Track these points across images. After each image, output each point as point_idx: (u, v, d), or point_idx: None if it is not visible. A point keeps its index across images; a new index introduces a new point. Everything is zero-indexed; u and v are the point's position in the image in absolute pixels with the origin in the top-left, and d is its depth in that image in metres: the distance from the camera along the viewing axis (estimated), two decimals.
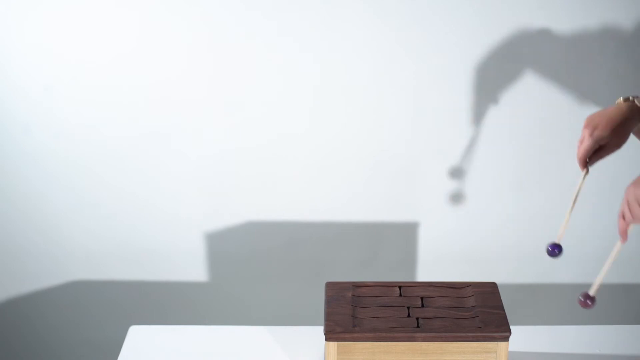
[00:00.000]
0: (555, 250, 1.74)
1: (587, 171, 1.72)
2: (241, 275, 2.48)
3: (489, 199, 2.39)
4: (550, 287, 2.49)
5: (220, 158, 2.33)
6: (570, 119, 2.29)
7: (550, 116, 2.29)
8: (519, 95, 2.27)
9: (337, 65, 2.23)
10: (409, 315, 1.67)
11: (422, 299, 1.73)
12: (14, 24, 2.17)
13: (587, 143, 1.65)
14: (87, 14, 2.17)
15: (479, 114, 2.29)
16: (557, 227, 2.41)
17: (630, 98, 1.68)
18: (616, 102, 1.71)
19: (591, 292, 1.55)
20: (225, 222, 2.41)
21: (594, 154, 1.72)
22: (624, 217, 1.51)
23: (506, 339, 1.61)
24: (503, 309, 1.68)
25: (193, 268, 2.46)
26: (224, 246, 2.43)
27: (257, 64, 2.22)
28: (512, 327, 1.66)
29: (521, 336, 1.82)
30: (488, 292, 1.73)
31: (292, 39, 2.20)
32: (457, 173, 2.36)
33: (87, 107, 2.26)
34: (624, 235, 1.51)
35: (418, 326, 1.63)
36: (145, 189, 2.36)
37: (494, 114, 2.29)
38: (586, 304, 1.56)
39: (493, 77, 2.25)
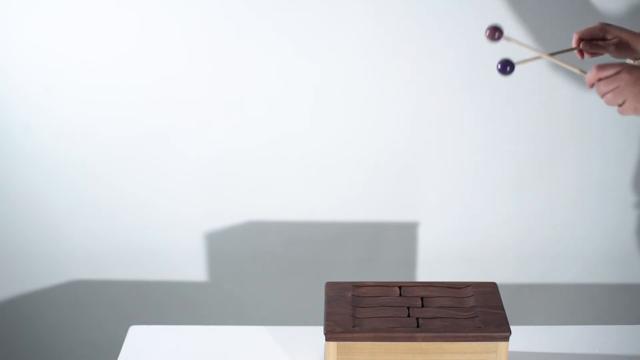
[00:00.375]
0: (506, 67, 1.49)
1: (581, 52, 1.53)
2: (241, 275, 2.48)
3: (489, 198, 2.39)
4: (550, 287, 2.49)
5: (220, 158, 2.33)
6: (571, 118, 2.30)
7: (550, 116, 2.29)
8: (519, 95, 2.27)
9: (337, 65, 2.23)
10: (409, 315, 1.67)
11: (422, 299, 1.73)
12: (14, 24, 2.17)
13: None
14: (87, 14, 2.17)
15: (478, 114, 2.29)
16: (557, 228, 2.42)
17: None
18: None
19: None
20: (225, 222, 2.41)
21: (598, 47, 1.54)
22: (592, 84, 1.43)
23: (506, 339, 1.61)
24: (503, 309, 1.67)
25: (193, 268, 2.46)
26: (224, 246, 2.43)
27: (257, 64, 2.22)
28: (512, 327, 1.66)
29: (521, 336, 1.82)
30: (488, 292, 1.73)
31: (291, 38, 2.20)
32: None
33: (87, 107, 2.26)
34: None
35: (418, 326, 1.63)
36: (145, 189, 2.36)
37: (494, 114, 2.29)
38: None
39: (493, 77, 2.25)
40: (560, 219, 2.42)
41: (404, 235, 2.44)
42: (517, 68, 1.49)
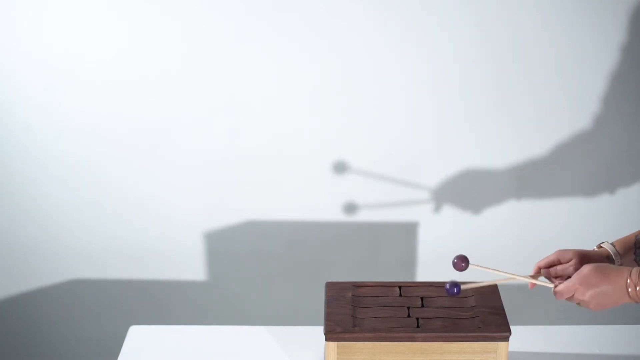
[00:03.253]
0: (454, 289, 1.58)
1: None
2: (241, 275, 2.48)
3: (489, 199, 2.39)
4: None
5: (221, 158, 2.33)
6: (571, 119, 2.29)
7: (550, 117, 2.29)
8: (519, 96, 2.27)
9: (337, 65, 2.23)
10: (409, 315, 1.67)
11: (422, 299, 1.73)
12: (15, 23, 2.17)
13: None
14: (88, 14, 2.17)
15: (478, 115, 2.29)
16: (557, 228, 2.42)
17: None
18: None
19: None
20: (225, 221, 2.41)
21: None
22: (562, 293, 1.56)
23: (506, 339, 1.61)
24: (503, 309, 1.67)
25: (193, 267, 2.46)
26: (224, 246, 2.43)
27: (257, 64, 2.23)
28: (512, 327, 1.65)
29: (521, 336, 1.82)
30: (488, 292, 1.73)
31: (292, 38, 2.20)
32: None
33: (88, 107, 2.27)
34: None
35: (418, 326, 1.63)
36: (146, 189, 2.36)
37: (494, 115, 2.29)
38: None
39: (493, 77, 2.25)
40: (560, 219, 2.42)
41: (404, 235, 2.44)
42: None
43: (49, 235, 2.41)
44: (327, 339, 1.62)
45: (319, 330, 1.74)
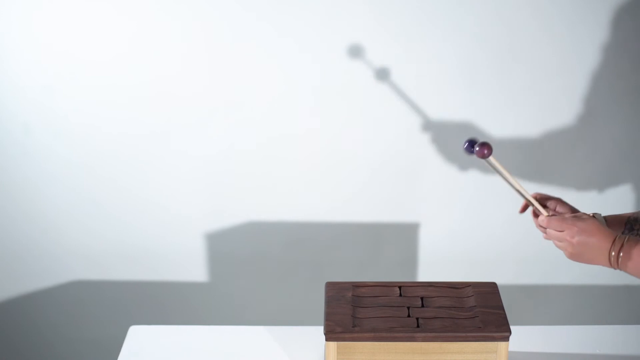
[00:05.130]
0: (471, 147, 1.64)
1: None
2: (241, 276, 2.48)
3: (490, 200, 2.39)
4: (550, 288, 2.49)
5: (221, 158, 2.33)
6: (571, 119, 2.30)
7: (550, 117, 2.29)
8: (519, 97, 2.27)
9: (337, 65, 2.23)
10: (409, 315, 1.67)
11: (422, 299, 1.73)
12: (15, 23, 2.17)
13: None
14: (88, 14, 2.17)
15: (479, 115, 2.29)
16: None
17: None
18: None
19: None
20: (225, 222, 2.41)
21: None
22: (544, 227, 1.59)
23: (506, 339, 1.61)
24: (503, 309, 1.67)
25: (193, 268, 2.46)
26: (224, 246, 2.44)
27: (257, 64, 2.23)
28: (512, 327, 1.66)
29: (521, 336, 1.82)
30: (488, 292, 1.73)
31: (292, 39, 2.20)
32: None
33: (87, 107, 2.27)
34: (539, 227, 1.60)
35: (418, 326, 1.63)
36: (146, 189, 2.36)
37: (494, 115, 2.29)
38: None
39: (493, 78, 2.25)
40: None
41: (404, 236, 2.44)
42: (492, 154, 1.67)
43: (49, 237, 2.41)
44: (327, 339, 1.62)
45: (319, 330, 1.74)
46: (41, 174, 2.33)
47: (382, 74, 2.24)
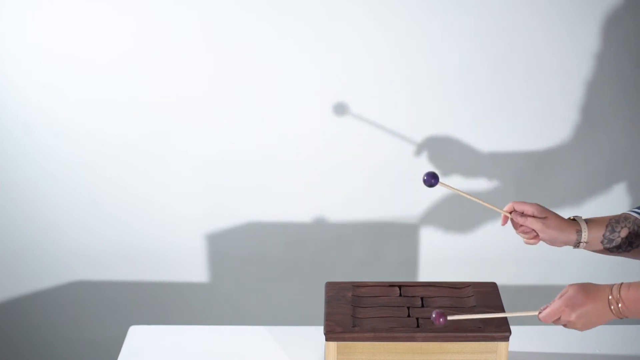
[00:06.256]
0: (432, 180, 1.65)
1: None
2: (241, 276, 2.48)
3: (490, 200, 2.39)
4: (550, 288, 2.49)
5: (221, 159, 2.33)
6: (571, 119, 2.29)
7: (550, 117, 2.29)
8: (519, 97, 2.27)
9: (337, 66, 2.23)
10: (409, 315, 1.67)
11: (422, 299, 1.73)
12: (15, 24, 2.17)
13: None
14: (88, 14, 2.17)
15: (480, 115, 2.29)
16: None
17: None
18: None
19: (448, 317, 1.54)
20: (225, 222, 2.41)
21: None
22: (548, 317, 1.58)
23: (506, 339, 1.61)
24: (503, 309, 1.67)
25: (193, 268, 2.46)
26: (225, 247, 2.43)
27: (257, 65, 2.23)
28: (512, 327, 1.65)
29: (521, 336, 1.82)
30: (488, 292, 1.73)
31: (292, 39, 2.20)
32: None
33: (87, 107, 2.27)
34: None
35: (418, 326, 1.63)
36: (146, 190, 2.36)
37: (495, 116, 2.29)
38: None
39: (494, 78, 2.25)
40: None
41: (404, 236, 2.44)
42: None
43: (49, 237, 2.41)
44: (327, 339, 1.62)
45: (319, 330, 1.74)
46: (41, 174, 2.33)
47: (383, 75, 2.24)
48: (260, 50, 2.21)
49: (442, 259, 2.46)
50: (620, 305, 1.49)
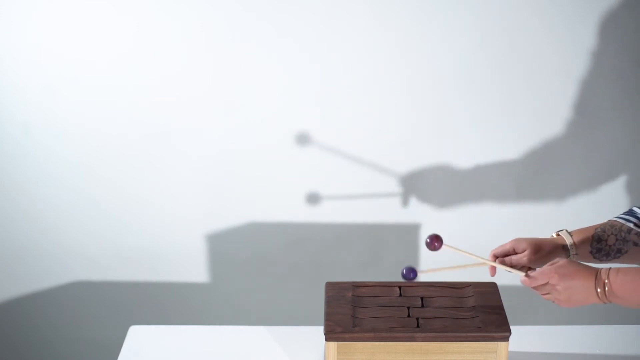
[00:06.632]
0: (410, 274, 1.62)
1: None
2: (242, 276, 2.48)
3: (490, 201, 2.39)
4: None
5: (221, 159, 2.33)
6: (571, 119, 2.29)
7: (550, 118, 2.29)
8: (519, 98, 2.27)
9: (337, 67, 2.23)
10: (409, 315, 1.66)
11: (422, 299, 1.73)
12: (15, 24, 2.18)
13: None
14: (88, 15, 2.17)
15: (480, 116, 2.29)
16: (557, 229, 2.42)
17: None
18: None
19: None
20: (226, 223, 2.41)
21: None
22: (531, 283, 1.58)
23: (506, 339, 1.61)
24: (503, 309, 1.67)
25: (194, 269, 2.46)
26: (225, 247, 2.43)
27: (257, 65, 2.23)
28: (512, 327, 1.65)
29: (521, 336, 1.82)
30: (488, 292, 1.73)
31: (292, 40, 2.20)
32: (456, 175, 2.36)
33: (87, 107, 2.27)
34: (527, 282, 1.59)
35: (418, 326, 1.63)
36: (146, 190, 2.36)
37: (495, 117, 2.29)
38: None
39: (493, 78, 2.25)
40: (560, 220, 2.42)
41: (405, 237, 2.44)
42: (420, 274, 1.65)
43: (49, 237, 2.41)
44: (327, 339, 1.61)
45: (319, 330, 1.74)
46: (41, 174, 2.33)
47: (383, 75, 2.24)
48: (260, 51, 2.21)
49: (441, 258, 2.46)
50: (607, 288, 1.49)
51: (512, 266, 1.67)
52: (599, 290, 1.49)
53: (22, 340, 2.55)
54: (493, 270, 1.70)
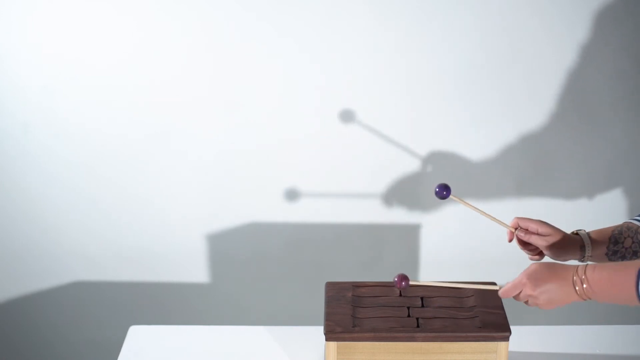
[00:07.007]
0: (443, 191, 1.67)
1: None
2: (242, 277, 2.48)
3: (490, 200, 2.39)
4: (495, 290, 2.49)
5: (222, 159, 2.33)
6: (570, 119, 2.30)
7: (551, 118, 2.29)
8: (520, 97, 2.27)
9: (338, 67, 2.23)
10: (409, 315, 1.67)
11: (422, 299, 1.73)
12: (15, 24, 2.17)
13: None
14: (88, 15, 2.17)
15: (480, 116, 2.29)
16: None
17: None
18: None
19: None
20: (226, 223, 2.41)
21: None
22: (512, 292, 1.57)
23: (506, 339, 1.61)
24: (503, 309, 1.67)
25: (194, 269, 2.46)
26: (225, 247, 2.43)
27: (257, 66, 2.23)
28: (512, 327, 1.65)
29: (521, 336, 1.82)
30: (488, 292, 1.73)
31: (292, 40, 2.20)
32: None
33: (87, 108, 2.27)
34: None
35: (418, 326, 1.63)
36: (147, 190, 2.36)
37: (496, 117, 2.29)
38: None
39: (494, 79, 2.25)
40: (560, 220, 2.41)
41: (405, 237, 2.44)
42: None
43: (49, 237, 2.41)
44: (327, 339, 1.61)
45: (319, 330, 1.74)
46: (41, 175, 2.33)
47: (383, 75, 2.24)
48: (260, 51, 2.21)
49: (442, 259, 2.46)
50: (585, 286, 1.48)
51: (526, 244, 1.68)
52: (577, 288, 1.48)
53: (22, 340, 2.55)
54: (511, 235, 1.69)
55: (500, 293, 1.58)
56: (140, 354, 1.81)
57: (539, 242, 1.65)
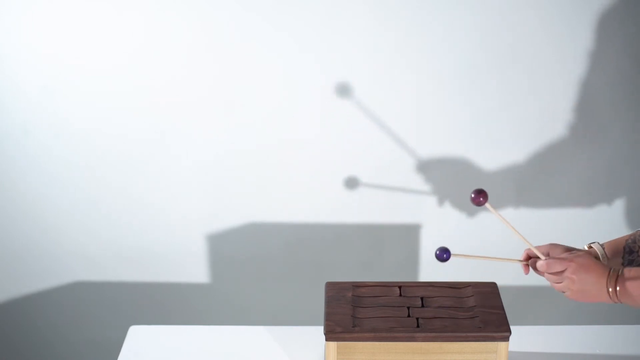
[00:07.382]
0: (443, 255, 1.63)
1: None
2: (242, 276, 2.48)
3: (491, 201, 2.39)
4: (550, 288, 2.49)
5: (222, 160, 2.33)
6: (571, 119, 2.29)
7: (552, 118, 2.29)
8: (521, 98, 2.27)
9: (339, 67, 2.23)
10: (409, 315, 1.66)
11: (422, 299, 1.73)
12: (14, 24, 2.17)
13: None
14: (88, 16, 2.17)
15: (480, 117, 2.29)
16: (557, 231, 2.42)
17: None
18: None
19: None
20: (226, 223, 2.41)
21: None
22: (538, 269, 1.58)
23: (506, 339, 1.61)
24: (503, 309, 1.67)
25: (194, 269, 2.46)
26: (225, 247, 2.43)
27: (257, 66, 2.23)
28: (512, 327, 1.65)
29: (521, 336, 1.82)
30: (488, 292, 1.73)
31: (292, 40, 2.20)
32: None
33: (87, 108, 2.27)
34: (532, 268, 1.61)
35: (418, 326, 1.63)
36: (147, 190, 2.36)
37: (496, 117, 2.29)
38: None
39: (494, 80, 2.25)
40: (561, 220, 2.42)
41: (405, 237, 2.44)
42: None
43: (49, 237, 2.41)
44: (327, 339, 1.61)
45: (319, 330, 1.74)
46: (41, 175, 2.33)
47: (384, 76, 2.24)
48: (260, 51, 2.21)
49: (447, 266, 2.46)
50: (618, 288, 1.48)
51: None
52: (610, 289, 1.49)
53: (22, 340, 2.55)
54: (527, 268, 1.67)
55: (541, 265, 1.56)
56: (140, 354, 1.81)
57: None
